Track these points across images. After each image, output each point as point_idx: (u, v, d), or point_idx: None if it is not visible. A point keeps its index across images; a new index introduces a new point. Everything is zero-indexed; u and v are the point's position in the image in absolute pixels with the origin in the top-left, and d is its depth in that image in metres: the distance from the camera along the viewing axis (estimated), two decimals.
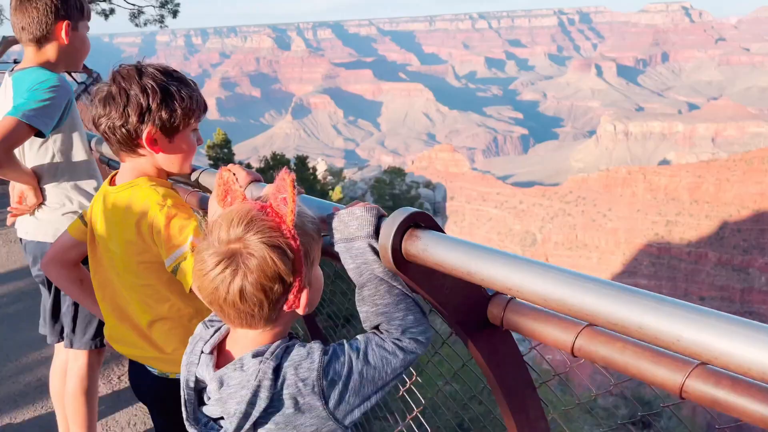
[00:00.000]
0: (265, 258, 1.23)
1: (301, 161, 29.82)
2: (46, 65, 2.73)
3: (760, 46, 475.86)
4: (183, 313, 2.01)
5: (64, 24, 2.68)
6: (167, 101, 1.93)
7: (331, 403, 1.28)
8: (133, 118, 1.87)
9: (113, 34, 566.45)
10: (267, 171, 30.05)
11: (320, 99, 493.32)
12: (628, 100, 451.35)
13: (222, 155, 25.96)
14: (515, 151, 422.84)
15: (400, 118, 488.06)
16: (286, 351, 1.31)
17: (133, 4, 12.92)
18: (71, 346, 3.13)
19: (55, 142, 2.84)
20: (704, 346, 0.92)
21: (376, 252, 1.43)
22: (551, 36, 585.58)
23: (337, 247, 1.48)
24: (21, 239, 3.12)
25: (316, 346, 1.33)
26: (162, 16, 13.20)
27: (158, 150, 1.92)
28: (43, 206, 2.93)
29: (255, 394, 1.25)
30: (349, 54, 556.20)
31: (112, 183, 2.04)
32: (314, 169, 31.60)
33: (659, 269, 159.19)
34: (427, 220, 1.47)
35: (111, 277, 2.06)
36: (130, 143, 1.92)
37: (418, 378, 2.23)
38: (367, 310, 1.45)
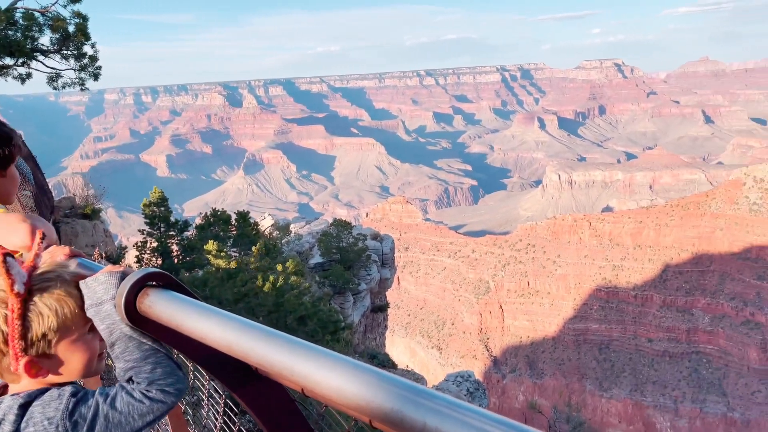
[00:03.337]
0: None
1: (242, 217, 29.79)
2: None
3: (688, 98, 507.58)
4: None
5: None
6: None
7: None
8: None
9: (59, 93, 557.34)
10: (208, 228, 29.86)
11: (273, 154, 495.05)
12: (571, 150, 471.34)
13: (159, 213, 25.77)
14: (466, 201, 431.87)
15: (353, 172, 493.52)
16: (43, 393, 1.49)
17: (52, 68, 13.07)
18: None
19: None
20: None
21: None
22: (495, 91, 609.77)
23: (89, 312, 1.68)
24: None
25: (68, 389, 1.49)
26: (82, 80, 13.41)
27: None
28: None
29: None
30: (301, 110, 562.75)
31: None
32: (256, 224, 31.58)
33: (608, 313, 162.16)
34: (163, 279, 1.69)
35: None
36: None
37: None
38: (119, 366, 1.61)
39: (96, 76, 13.74)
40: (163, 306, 1.60)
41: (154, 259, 26.33)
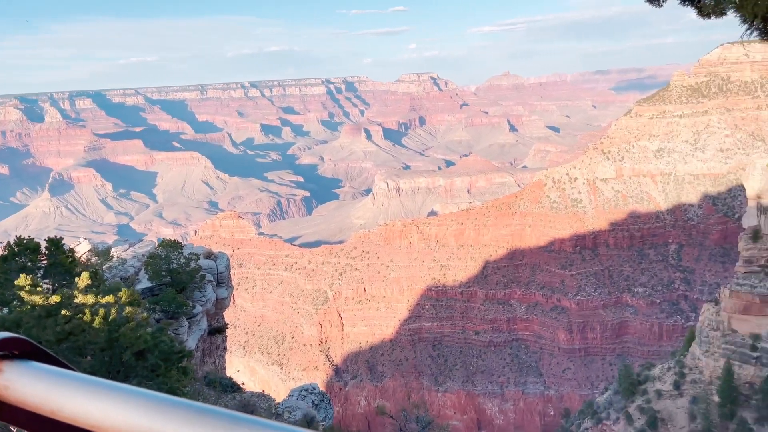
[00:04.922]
0: None
1: (54, 244, 26.49)
2: None
3: (495, 109, 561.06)
4: None
5: None
6: None
7: None
8: None
9: None
10: (12, 259, 26.15)
11: (84, 172, 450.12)
12: (396, 159, 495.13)
13: None
14: (299, 213, 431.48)
15: (178, 188, 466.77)
16: None
17: None
18: None
19: None
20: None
21: None
22: (322, 103, 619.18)
23: None
24: None
25: None
26: None
27: None
28: None
29: None
30: (115, 124, 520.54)
31: None
32: (72, 251, 28.29)
33: (439, 311, 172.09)
34: (21, 347, 1.21)
35: None
36: None
37: None
38: None
39: None
40: (26, 385, 1.12)
41: None
